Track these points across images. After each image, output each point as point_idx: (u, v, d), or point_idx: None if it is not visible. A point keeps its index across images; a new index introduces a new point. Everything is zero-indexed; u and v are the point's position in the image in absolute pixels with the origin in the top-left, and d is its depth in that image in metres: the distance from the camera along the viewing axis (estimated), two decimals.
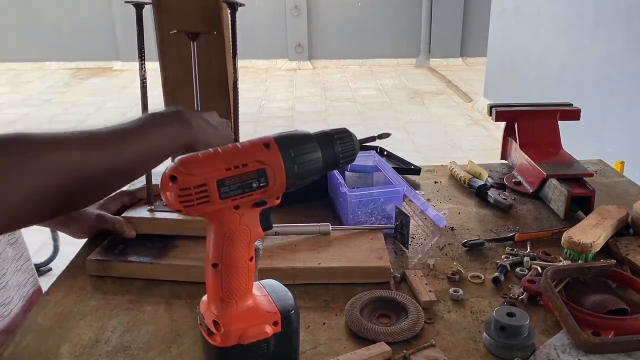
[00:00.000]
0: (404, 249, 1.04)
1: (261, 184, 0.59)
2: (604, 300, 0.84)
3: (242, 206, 0.60)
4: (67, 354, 0.77)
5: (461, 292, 0.88)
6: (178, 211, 0.58)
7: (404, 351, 0.75)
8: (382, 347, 0.75)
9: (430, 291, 0.88)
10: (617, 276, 0.90)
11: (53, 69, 8.70)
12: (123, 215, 1.02)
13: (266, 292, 0.69)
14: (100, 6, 8.56)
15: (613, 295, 0.86)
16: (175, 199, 0.57)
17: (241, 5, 0.97)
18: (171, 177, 0.57)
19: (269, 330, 0.65)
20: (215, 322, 0.64)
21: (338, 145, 0.65)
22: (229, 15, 0.98)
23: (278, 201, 0.64)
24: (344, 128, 0.66)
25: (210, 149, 0.60)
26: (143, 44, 1.00)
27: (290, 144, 0.61)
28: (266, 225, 0.64)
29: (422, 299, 0.86)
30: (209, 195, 0.58)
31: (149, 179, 1.05)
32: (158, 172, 0.86)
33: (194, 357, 0.76)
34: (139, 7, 0.98)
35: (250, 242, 0.64)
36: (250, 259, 0.64)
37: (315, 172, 0.63)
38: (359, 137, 0.68)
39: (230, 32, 0.99)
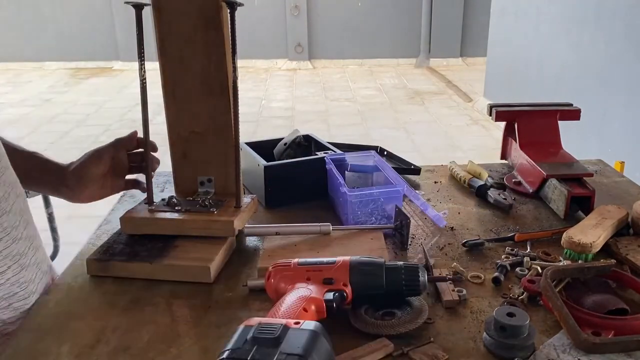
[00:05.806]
0: (404, 249, 1.04)
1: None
2: (604, 300, 0.83)
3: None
4: (67, 354, 0.77)
5: (464, 292, 0.88)
6: None
7: (403, 348, 0.75)
8: (383, 343, 0.75)
9: (453, 290, 0.88)
10: (617, 276, 0.90)
11: (53, 69, 8.70)
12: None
13: None
14: (100, 6, 8.56)
15: (613, 295, 0.86)
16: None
17: (240, 4, 0.97)
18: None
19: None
20: None
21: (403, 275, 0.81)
22: (228, 15, 0.98)
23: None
24: (416, 265, 0.82)
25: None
26: (143, 44, 1.01)
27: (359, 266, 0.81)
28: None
29: (444, 299, 0.86)
30: None
31: (149, 180, 1.06)
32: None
33: (194, 357, 0.76)
34: (139, 8, 0.98)
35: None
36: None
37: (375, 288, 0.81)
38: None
39: (229, 31, 0.99)
